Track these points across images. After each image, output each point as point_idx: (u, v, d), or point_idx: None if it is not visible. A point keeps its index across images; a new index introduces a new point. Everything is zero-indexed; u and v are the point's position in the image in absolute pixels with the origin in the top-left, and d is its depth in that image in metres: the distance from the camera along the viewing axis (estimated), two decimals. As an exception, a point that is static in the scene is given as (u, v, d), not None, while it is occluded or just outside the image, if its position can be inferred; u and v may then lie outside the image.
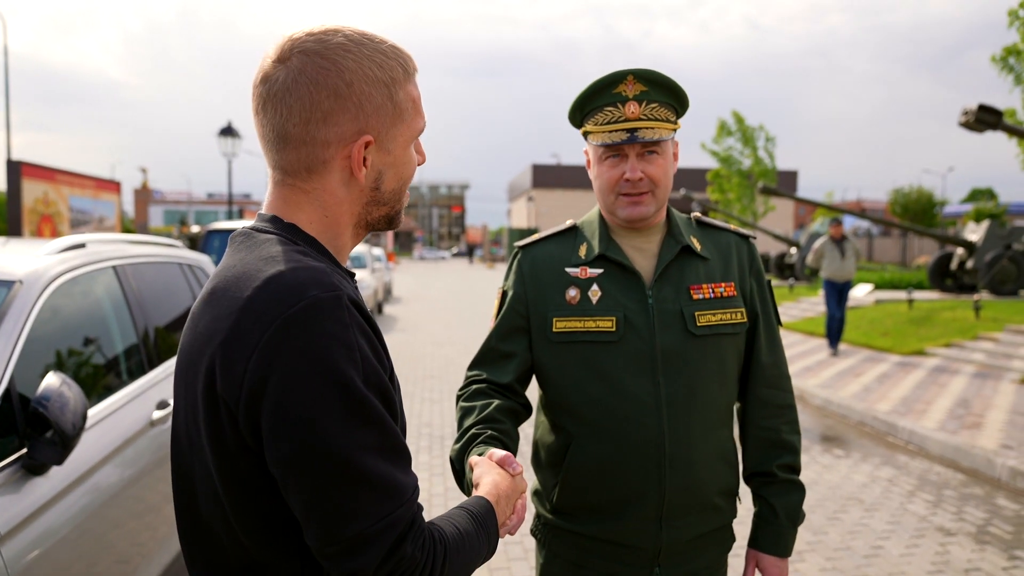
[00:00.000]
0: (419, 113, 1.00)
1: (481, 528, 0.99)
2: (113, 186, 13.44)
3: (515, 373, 1.56)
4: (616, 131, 1.50)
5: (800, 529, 4.29)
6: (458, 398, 1.57)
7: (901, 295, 15.26)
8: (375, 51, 0.94)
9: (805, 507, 4.61)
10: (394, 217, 1.03)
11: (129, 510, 2.40)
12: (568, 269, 1.57)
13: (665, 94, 1.51)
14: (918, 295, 15.30)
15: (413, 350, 11.19)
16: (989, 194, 53.92)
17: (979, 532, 4.29)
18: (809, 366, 9.38)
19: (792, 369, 9.04)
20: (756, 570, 1.61)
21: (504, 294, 1.63)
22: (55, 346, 2.32)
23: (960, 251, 15.85)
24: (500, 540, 1.14)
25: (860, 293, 16.30)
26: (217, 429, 0.87)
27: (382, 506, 0.83)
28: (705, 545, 1.57)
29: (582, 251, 1.59)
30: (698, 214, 1.68)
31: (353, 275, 1.01)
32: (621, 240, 1.58)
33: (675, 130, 1.54)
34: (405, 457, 0.89)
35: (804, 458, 5.77)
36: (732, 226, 1.66)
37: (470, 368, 1.62)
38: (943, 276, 16.43)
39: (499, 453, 1.19)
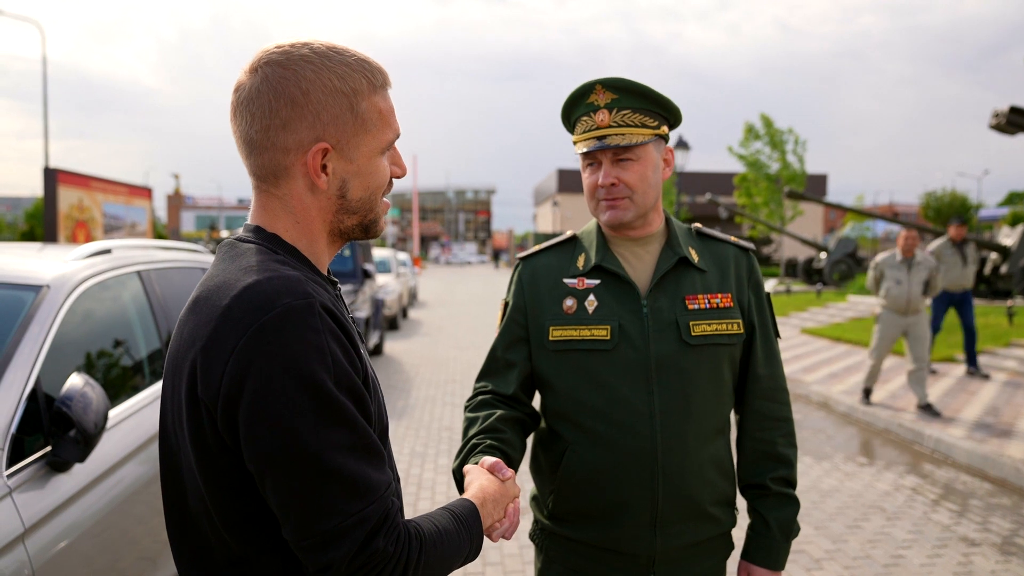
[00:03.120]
0: (387, 125, 1.03)
1: (463, 527, 1.03)
2: (145, 192, 13.75)
3: (519, 383, 1.60)
4: (588, 139, 1.54)
5: (819, 537, 4.25)
6: (465, 409, 1.61)
7: (932, 301, 14.95)
8: (339, 63, 0.98)
9: (825, 515, 4.60)
10: (369, 226, 1.06)
11: (151, 507, 2.47)
12: (566, 280, 1.59)
13: (638, 100, 1.52)
14: (950, 301, 14.97)
15: (436, 354, 11.27)
16: (1027, 197, 52.64)
17: (1004, 543, 4.21)
18: (835, 372, 9.25)
19: (816, 375, 8.93)
20: None
21: (506, 305, 1.67)
22: (80, 348, 2.41)
23: (994, 256, 15.51)
24: (517, 544, 1.18)
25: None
26: (198, 429, 0.92)
27: (354, 502, 0.88)
28: (701, 553, 1.58)
29: (580, 262, 1.61)
30: (699, 225, 1.70)
31: (336, 283, 1.06)
32: (618, 250, 1.60)
33: (657, 135, 1.54)
34: (378, 455, 0.93)
35: (826, 465, 5.71)
36: (732, 238, 1.68)
37: (477, 380, 1.67)
38: (976, 281, 16.09)
39: (489, 460, 1.24)
